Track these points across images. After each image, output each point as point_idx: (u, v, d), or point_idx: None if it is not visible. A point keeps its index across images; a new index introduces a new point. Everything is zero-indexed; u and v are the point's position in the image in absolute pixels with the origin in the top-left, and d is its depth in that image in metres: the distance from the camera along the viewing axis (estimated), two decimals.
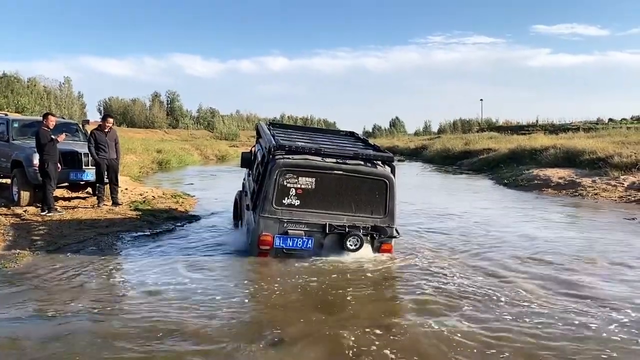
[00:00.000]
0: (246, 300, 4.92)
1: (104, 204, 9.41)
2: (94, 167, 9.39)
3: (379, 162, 6.35)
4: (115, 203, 9.50)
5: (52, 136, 8.59)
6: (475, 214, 10.28)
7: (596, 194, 12.77)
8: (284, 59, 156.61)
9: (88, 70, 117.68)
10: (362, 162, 6.19)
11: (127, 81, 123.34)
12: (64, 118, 12.41)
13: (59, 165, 8.77)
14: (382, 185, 6.08)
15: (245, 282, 5.51)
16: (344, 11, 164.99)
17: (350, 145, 7.21)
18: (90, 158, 9.39)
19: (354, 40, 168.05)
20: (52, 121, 8.77)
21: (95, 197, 9.67)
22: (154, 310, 4.48)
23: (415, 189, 14.63)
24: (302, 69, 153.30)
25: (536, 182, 15.28)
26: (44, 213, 8.48)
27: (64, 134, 8.98)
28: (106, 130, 9.45)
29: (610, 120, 42.76)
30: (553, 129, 36.98)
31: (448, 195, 14.01)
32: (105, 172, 9.37)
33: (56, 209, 8.64)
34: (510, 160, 20.73)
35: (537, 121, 47.08)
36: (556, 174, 15.54)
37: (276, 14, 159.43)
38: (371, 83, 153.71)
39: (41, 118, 9.13)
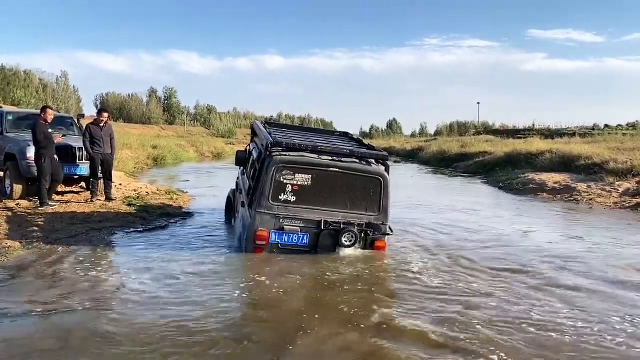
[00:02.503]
0: (239, 300, 4.88)
1: (97, 199, 9.36)
2: (88, 162, 9.33)
3: (374, 161, 6.39)
4: (108, 198, 9.44)
5: (50, 130, 8.55)
6: (468, 216, 10.27)
7: (591, 200, 12.78)
8: (280, 58, 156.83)
9: (84, 65, 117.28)
10: (357, 160, 6.24)
11: (123, 77, 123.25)
12: (59, 112, 12.31)
13: (56, 158, 8.72)
14: (377, 183, 6.12)
15: (239, 280, 5.46)
16: (340, 12, 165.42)
17: (345, 145, 7.21)
18: (84, 152, 9.33)
19: (350, 41, 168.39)
20: (50, 115, 8.73)
21: (89, 192, 9.61)
22: (146, 308, 4.43)
23: (410, 190, 14.60)
24: (299, 68, 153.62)
25: (531, 186, 15.29)
26: (42, 208, 8.40)
27: (62, 136, 8.92)
28: (101, 125, 9.41)
29: (606, 126, 42.97)
30: (549, 134, 37.08)
31: (443, 197, 13.99)
32: (100, 167, 9.32)
33: (49, 203, 8.56)
34: (506, 164, 20.73)
35: (533, 125, 47.28)
36: (551, 178, 15.57)
37: (272, 13, 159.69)
38: (368, 84, 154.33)
39: (36, 111, 9.08)
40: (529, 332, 4.20)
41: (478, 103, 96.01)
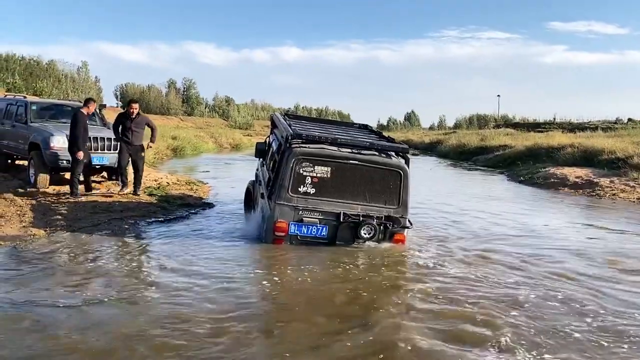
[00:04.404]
0: (265, 290, 4.87)
1: (125, 189, 9.15)
2: (108, 152, 9.37)
3: (393, 153, 6.38)
4: (134, 192, 9.10)
5: (88, 121, 8.77)
6: (489, 209, 10.16)
7: (614, 195, 12.58)
8: (297, 49, 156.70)
9: (101, 55, 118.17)
10: (376, 153, 6.23)
11: (140, 67, 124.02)
12: (80, 102, 12.43)
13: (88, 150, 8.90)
14: (396, 175, 6.11)
15: (260, 271, 5.50)
16: (356, 2, 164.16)
17: (364, 137, 7.19)
18: (104, 142, 9.39)
19: (367, 32, 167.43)
20: (92, 107, 9.12)
21: (112, 182, 9.68)
22: (167, 298, 4.46)
23: (428, 183, 14.50)
24: (316, 60, 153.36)
25: (552, 180, 15.09)
26: (81, 196, 8.51)
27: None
28: (132, 116, 9.06)
29: (630, 120, 42.01)
30: (571, 128, 36.42)
31: (462, 190, 13.86)
32: (129, 159, 9.04)
33: (76, 194, 8.53)
34: (526, 158, 20.38)
35: (554, 119, 46.47)
36: (573, 173, 15.33)
37: (288, 4, 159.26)
38: (386, 76, 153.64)
39: (59, 101, 9.20)
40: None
41: (498, 96, 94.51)
